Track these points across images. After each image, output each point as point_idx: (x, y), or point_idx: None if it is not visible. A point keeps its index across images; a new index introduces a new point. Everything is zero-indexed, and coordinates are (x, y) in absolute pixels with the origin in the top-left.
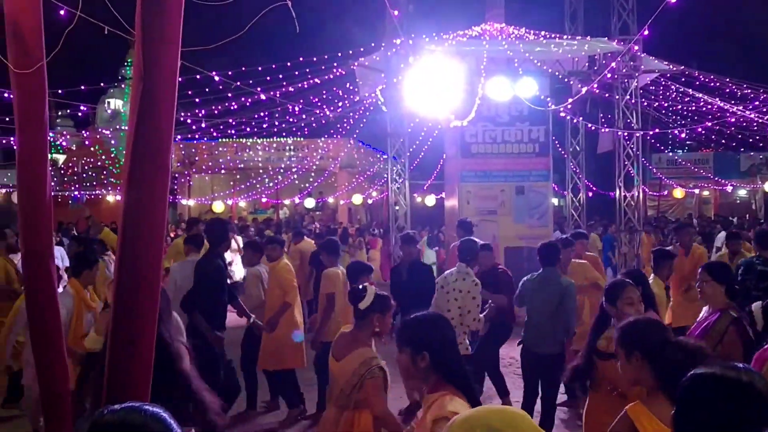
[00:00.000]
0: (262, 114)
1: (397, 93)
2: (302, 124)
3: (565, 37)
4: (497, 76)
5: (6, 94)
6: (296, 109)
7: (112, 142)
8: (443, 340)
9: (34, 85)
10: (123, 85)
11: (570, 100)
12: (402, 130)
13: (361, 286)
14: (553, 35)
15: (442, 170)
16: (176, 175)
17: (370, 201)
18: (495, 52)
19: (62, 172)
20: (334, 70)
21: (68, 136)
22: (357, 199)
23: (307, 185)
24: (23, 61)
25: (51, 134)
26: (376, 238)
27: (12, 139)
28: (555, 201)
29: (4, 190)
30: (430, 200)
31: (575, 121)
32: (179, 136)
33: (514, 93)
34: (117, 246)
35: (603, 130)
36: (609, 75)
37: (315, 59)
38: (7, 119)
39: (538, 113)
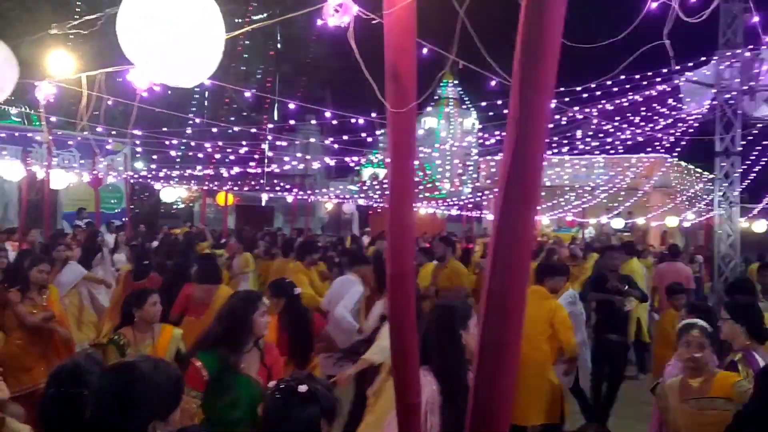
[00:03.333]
0: (574, 133)
1: (731, 108)
2: (616, 142)
3: None
4: None
5: (353, 120)
6: (611, 127)
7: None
8: None
9: (407, 123)
10: (438, 106)
11: None
12: (732, 149)
13: None
14: None
15: None
16: (485, 192)
17: (686, 224)
18: None
19: (384, 184)
20: (657, 87)
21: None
22: (672, 221)
23: (615, 204)
24: (398, 102)
25: (377, 151)
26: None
27: (345, 158)
28: None
29: (336, 201)
30: (760, 226)
31: None
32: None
33: None
34: (487, 263)
35: None
36: None
37: (638, 76)
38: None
39: None
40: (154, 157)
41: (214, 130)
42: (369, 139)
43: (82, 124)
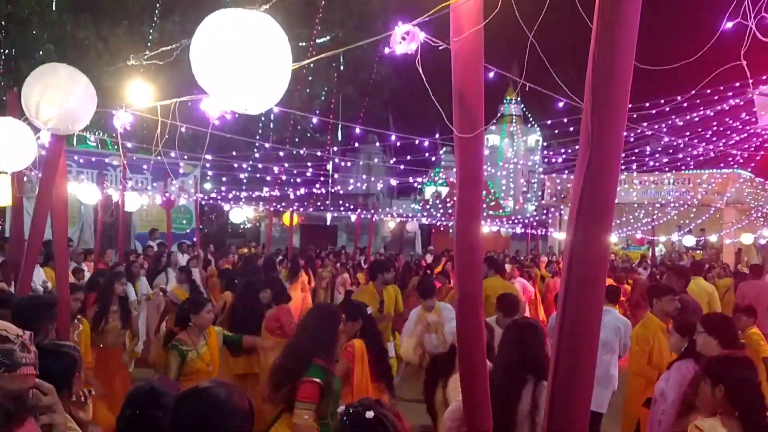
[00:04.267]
0: (641, 150)
1: None
2: (688, 158)
3: None
4: None
5: (416, 141)
6: (680, 143)
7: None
8: None
9: (474, 148)
10: (501, 123)
11: None
12: None
13: None
14: None
15: None
16: (550, 209)
17: (762, 241)
18: None
19: (447, 203)
20: (730, 101)
21: (453, 170)
22: (747, 238)
23: (687, 221)
24: (465, 127)
25: (440, 169)
26: None
27: (410, 178)
28: None
29: (398, 219)
30: None
31: None
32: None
33: None
34: (561, 285)
35: None
36: None
37: (709, 91)
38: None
39: None
40: (224, 179)
41: (281, 153)
42: (432, 159)
43: (159, 151)
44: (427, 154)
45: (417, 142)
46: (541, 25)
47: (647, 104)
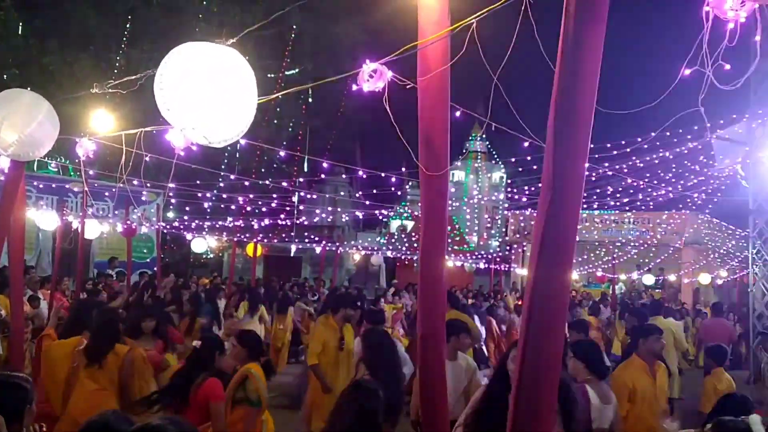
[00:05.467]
0: (603, 189)
1: (763, 167)
2: (647, 198)
3: None
4: None
5: (383, 175)
6: (641, 183)
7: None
8: None
9: (439, 186)
10: (466, 159)
11: None
12: (767, 206)
13: None
14: None
15: None
16: (513, 245)
17: (719, 281)
18: None
19: (412, 237)
20: (689, 144)
21: (419, 204)
22: (704, 278)
23: (646, 260)
24: (432, 165)
25: (405, 203)
26: None
27: (376, 211)
28: None
29: (363, 252)
30: None
31: None
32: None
33: None
34: (522, 313)
35: None
36: None
37: (669, 134)
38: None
39: None
40: (187, 208)
41: (246, 183)
42: (398, 193)
43: (122, 180)
44: (393, 189)
45: (383, 175)
46: (507, 66)
47: (609, 145)
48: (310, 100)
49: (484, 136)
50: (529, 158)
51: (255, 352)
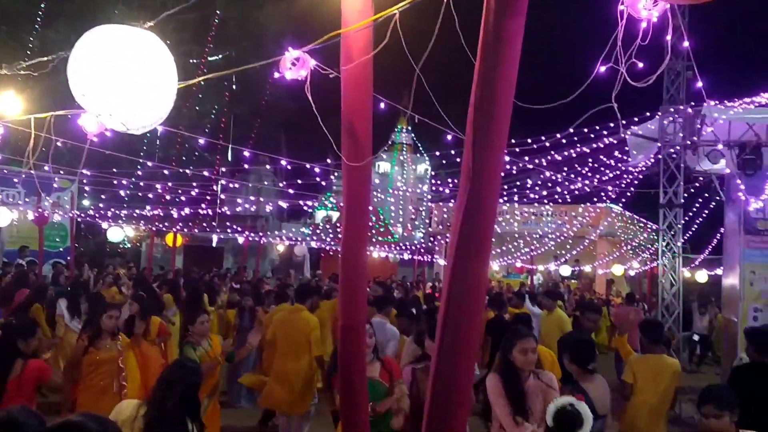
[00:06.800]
0: (524, 182)
1: (674, 162)
2: (565, 192)
3: None
4: None
5: (308, 166)
6: (559, 176)
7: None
8: None
9: (362, 176)
10: (392, 151)
11: None
12: (676, 201)
13: None
14: None
15: (718, 245)
16: (437, 237)
17: (631, 273)
18: None
19: (337, 228)
20: (605, 140)
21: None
22: (617, 269)
23: (563, 252)
24: (354, 155)
25: (330, 193)
26: None
27: (300, 202)
28: None
29: (287, 243)
30: (702, 276)
31: None
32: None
33: None
34: (441, 300)
35: None
36: None
37: (586, 129)
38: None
39: None
40: (103, 196)
41: (166, 172)
42: (323, 183)
43: (30, 164)
44: (318, 179)
45: (308, 166)
46: (431, 58)
47: (530, 140)
48: (234, 87)
49: (410, 128)
50: (453, 152)
51: None
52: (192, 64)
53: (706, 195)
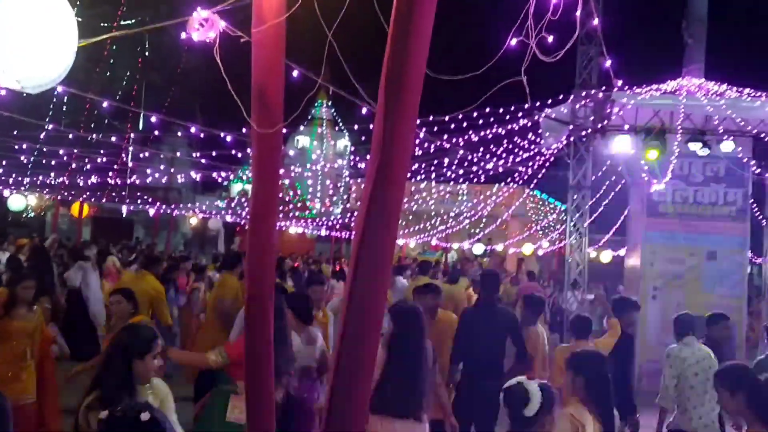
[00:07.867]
0: (441, 160)
1: (584, 145)
2: (480, 172)
3: None
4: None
5: (223, 135)
6: (475, 157)
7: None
8: None
9: (273, 144)
10: (311, 126)
11: None
12: (585, 183)
13: None
14: (759, 93)
15: (622, 227)
16: (355, 213)
17: (540, 252)
18: (693, 108)
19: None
20: (519, 122)
21: None
22: (528, 249)
23: (477, 231)
24: (264, 122)
25: (248, 166)
26: None
27: (212, 172)
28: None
29: (201, 216)
30: (606, 256)
31: None
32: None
33: (709, 151)
34: (346, 285)
35: None
36: None
37: (501, 110)
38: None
39: (736, 175)
40: (3, 162)
41: (71, 136)
42: (239, 155)
43: None
44: (234, 151)
45: (222, 135)
46: (350, 29)
47: (447, 118)
48: (146, 54)
49: (330, 103)
50: (371, 126)
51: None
52: (103, 28)
53: (613, 178)
